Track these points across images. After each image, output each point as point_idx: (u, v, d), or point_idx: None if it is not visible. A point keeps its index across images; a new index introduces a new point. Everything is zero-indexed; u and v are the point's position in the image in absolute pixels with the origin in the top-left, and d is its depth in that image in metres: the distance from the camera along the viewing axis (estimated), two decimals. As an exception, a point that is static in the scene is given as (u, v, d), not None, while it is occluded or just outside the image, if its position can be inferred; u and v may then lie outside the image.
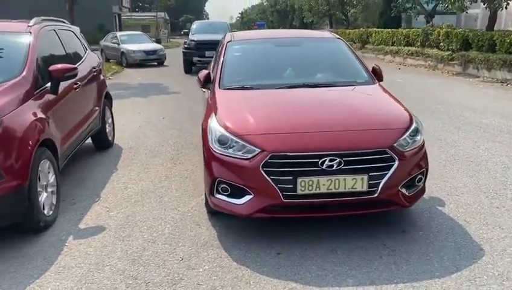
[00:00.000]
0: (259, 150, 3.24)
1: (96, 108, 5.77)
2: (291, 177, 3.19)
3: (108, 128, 6.28)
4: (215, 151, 3.43)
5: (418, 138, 3.57)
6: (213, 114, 3.72)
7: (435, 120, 7.65)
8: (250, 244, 3.42)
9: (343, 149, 3.23)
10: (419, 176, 3.54)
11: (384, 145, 3.30)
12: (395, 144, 3.34)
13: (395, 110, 3.79)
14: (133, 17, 72.37)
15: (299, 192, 3.20)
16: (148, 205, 4.22)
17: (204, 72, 4.55)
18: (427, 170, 3.62)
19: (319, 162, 3.19)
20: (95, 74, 5.85)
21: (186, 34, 18.91)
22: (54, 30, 5.05)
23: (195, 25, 18.56)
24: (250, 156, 3.26)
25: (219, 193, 3.43)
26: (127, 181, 4.90)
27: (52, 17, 5.32)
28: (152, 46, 21.55)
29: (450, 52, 15.75)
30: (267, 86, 4.22)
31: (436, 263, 3.12)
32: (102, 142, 6.16)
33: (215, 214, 3.79)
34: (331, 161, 3.20)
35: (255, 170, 3.22)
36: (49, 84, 4.18)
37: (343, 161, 3.21)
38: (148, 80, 15.13)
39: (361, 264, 3.12)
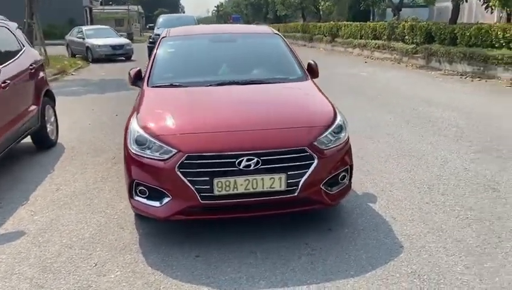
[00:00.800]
0: (176, 151, 3.15)
1: (34, 107, 5.58)
2: (207, 178, 3.12)
3: (50, 128, 6.09)
4: (132, 153, 3.32)
5: (342, 135, 3.54)
6: (135, 113, 3.61)
7: (389, 114, 7.69)
8: (170, 247, 3.34)
9: (260, 148, 3.17)
10: (343, 174, 3.51)
11: (303, 144, 3.25)
12: (314, 142, 3.30)
13: (320, 107, 3.75)
14: (105, 10, 71.07)
15: (216, 193, 3.13)
16: (76, 208, 4.09)
17: (135, 69, 4.42)
18: (351, 167, 3.59)
19: (236, 162, 3.12)
20: (32, 71, 5.65)
21: (152, 28, 18.64)
22: (-20, 27, 4.84)
23: (161, 19, 18.32)
24: (166, 157, 3.17)
25: (138, 195, 3.34)
26: (60, 182, 4.76)
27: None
28: (118, 40, 21.19)
29: (415, 45, 15.93)
30: (196, 83, 4.13)
31: (353, 262, 3.10)
32: (43, 141, 5.98)
33: (142, 217, 3.68)
34: (248, 160, 3.13)
35: (171, 171, 3.13)
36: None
37: (261, 160, 3.14)
38: (111, 75, 14.86)
39: (278, 266, 3.07)
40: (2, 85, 4.68)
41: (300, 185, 3.23)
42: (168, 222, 3.47)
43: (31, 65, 5.66)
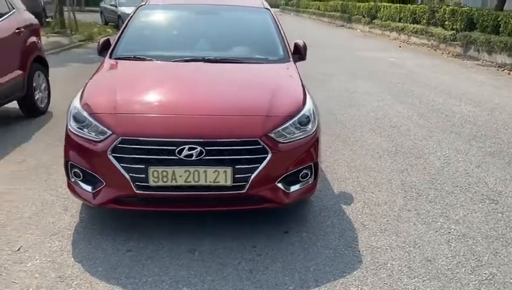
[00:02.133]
0: (110, 132, 2.83)
1: (19, 72, 5.38)
2: (143, 166, 2.78)
3: (39, 95, 5.92)
4: (70, 130, 3.03)
5: (309, 127, 3.10)
6: (83, 87, 3.30)
7: (402, 104, 7.09)
8: (105, 237, 3.05)
9: (205, 137, 2.79)
10: (305, 171, 3.09)
11: (255, 135, 2.85)
12: (270, 134, 2.88)
13: (288, 94, 3.30)
14: None
15: (151, 183, 2.79)
16: (30, 183, 3.87)
17: (105, 37, 4.10)
18: (316, 164, 3.14)
19: (176, 151, 2.76)
20: (19, 35, 5.43)
21: None
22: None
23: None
24: (101, 138, 2.85)
25: (74, 177, 3.05)
26: (29, 154, 4.55)
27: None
28: (150, 10, 20.90)
29: (454, 31, 14.84)
30: (162, 57, 3.77)
31: (297, 274, 2.71)
32: (31, 109, 5.81)
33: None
34: (190, 149, 2.76)
35: (104, 154, 2.81)
36: None
37: (205, 150, 2.77)
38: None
39: (212, 271, 2.72)
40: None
41: (250, 181, 2.84)
42: (103, 209, 3.17)
43: (17, 29, 5.44)
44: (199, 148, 2.77)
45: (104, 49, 3.97)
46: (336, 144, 5.12)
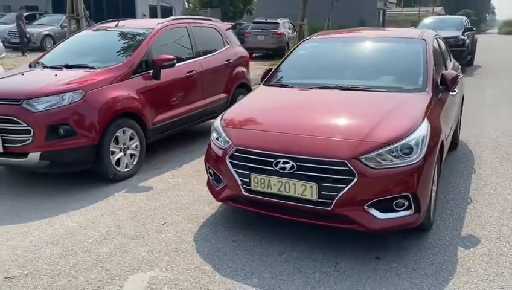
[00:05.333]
0: (231, 142, 3.48)
1: (223, 95, 6.69)
2: (247, 172, 3.33)
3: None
4: (211, 140, 3.82)
5: (411, 157, 3.08)
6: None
7: None
8: (225, 227, 3.71)
9: (296, 153, 3.16)
10: (401, 200, 3.07)
11: (342, 157, 3.04)
12: (360, 158, 3.02)
13: (395, 123, 3.29)
14: (403, 12, 72.66)
15: (253, 187, 3.31)
16: (201, 179, 4.82)
17: (269, 68, 4.83)
18: (415, 195, 3.06)
19: (273, 163, 3.22)
20: (227, 65, 6.75)
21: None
22: (186, 27, 6.17)
23: (425, 21, 17.57)
24: (226, 146, 3.54)
25: (209, 176, 3.82)
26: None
27: (191, 16, 6.45)
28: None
29: None
30: (302, 85, 4.27)
31: (359, 295, 2.76)
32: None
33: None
34: (284, 163, 3.17)
35: (224, 160, 3.48)
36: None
37: (296, 165, 3.14)
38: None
39: (286, 272, 3.03)
40: (187, 74, 5.89)
41: (336, 199, 3.05)
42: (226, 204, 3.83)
43: (227, 60, 6.77)
44: (291, 162, 3.15)
45: (265, 77, 4.71)
46: (504, 184, 4.53)
